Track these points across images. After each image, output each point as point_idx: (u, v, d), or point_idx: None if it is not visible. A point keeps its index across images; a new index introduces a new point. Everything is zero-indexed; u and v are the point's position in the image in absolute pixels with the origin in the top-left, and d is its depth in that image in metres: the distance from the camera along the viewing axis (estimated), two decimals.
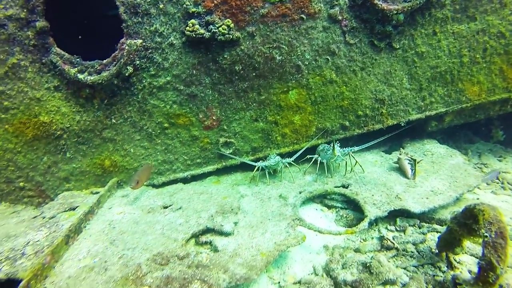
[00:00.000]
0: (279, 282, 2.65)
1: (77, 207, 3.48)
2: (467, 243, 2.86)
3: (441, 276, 2.57)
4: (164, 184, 4.00)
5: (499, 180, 4.14)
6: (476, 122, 5.11)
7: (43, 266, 2.31)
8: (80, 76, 3.43)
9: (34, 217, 3.37)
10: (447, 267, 2.66)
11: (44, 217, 3.31)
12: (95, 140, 3.77)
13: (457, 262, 2.70)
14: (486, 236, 1.91)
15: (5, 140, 3.56)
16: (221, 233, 2.84)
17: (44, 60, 3.41)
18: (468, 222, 2.28)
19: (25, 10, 3.19)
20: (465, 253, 2.81)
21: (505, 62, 4.02)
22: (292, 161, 3.75)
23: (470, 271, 2.60)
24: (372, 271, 2.48)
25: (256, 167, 3.81)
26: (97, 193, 3.74)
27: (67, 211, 3.43)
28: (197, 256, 2.59)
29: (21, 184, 3.75)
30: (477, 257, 2.73)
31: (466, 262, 2.72)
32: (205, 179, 4.10)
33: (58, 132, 3.65)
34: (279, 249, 2.54)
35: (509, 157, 4.89)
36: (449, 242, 2.61)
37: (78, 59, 3.47)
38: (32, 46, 3.34)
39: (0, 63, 3.32)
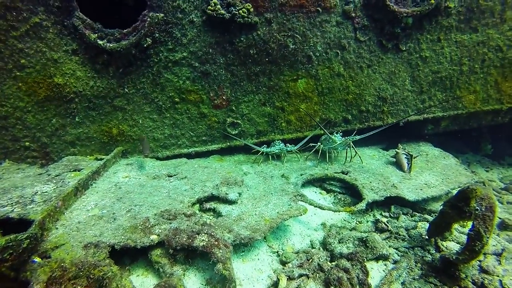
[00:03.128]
0: (277, 252, 2.76)
1: (82, 169, 3.54)
2: (455, 229, 3.06)
3: (429, 257, 2.73)
4: (168, 158, 4.10)
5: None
6: (468, 134, 5.39)
7: (55, 208, 2.39)
8: (100, 42, 3.52)
9: (40, 174, 3.42)
10: (435, 250, 2.83)
11: (49, 175, 3.36)
12: (106, 107, 3.85)
13: (445, 247, 2.88)
14: (477, 210, 2.08)
15: (17, 98, 3.60)
16: (226, 200, 2.95)
17: (66, 23, 3.50)
18: (460, 204, 2.46)
19: None
20: (452, 240, 2.99)
21: (500, 74, 4.29)
22: (297, 149, 3.89)
23: None
24: (368, 245, 2.63)
25: (260, 152, 3.94)
26: (101, 159, 3.80)
27: (72, 171, 3.49)
28: (202, 218, 2.70)
29: (27, 143, 3.78)
30: (462, 245, 2.90)
31: (453, 248, 2.89)
32: (208, 157, 4.21)
33: (71, 96, 3.71)
34: (282, 218, 2.67)
35: (495, 169, 5.18)
36: (440, 227, 2.79)
37: (99, 26, 3.57)
38: (56, 8, 3.42)
39: (23, 21, 3.39)
